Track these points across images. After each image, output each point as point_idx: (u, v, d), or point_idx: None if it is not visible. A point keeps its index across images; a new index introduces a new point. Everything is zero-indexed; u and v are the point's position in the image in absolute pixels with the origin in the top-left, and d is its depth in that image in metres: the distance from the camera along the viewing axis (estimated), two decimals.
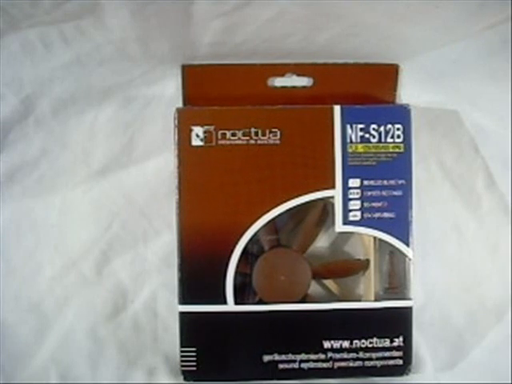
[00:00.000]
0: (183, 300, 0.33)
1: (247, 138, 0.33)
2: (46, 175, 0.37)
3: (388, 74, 0.36)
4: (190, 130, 0.33)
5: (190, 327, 0.33)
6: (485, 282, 0.37)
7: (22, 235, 0.37)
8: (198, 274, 0.33)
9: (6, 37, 0.35)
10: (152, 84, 0.37)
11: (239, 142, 0.33)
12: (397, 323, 0.33)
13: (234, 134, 0.33)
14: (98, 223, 0.37)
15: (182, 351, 0.33)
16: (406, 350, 0.33)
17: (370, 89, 0.36)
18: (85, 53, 0.36)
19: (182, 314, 0.33)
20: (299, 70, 0.35)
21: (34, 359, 0.36)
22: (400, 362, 0.33)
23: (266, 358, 0.33)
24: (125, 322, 0.37)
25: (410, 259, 0.33)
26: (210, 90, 0.35)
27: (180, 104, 0.35)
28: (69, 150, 0.37)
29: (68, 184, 0.37)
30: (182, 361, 0.33)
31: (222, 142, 0.33)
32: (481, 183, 0.38)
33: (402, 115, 0.33)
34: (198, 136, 0.33)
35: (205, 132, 0.33)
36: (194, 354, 0.33)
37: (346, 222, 0.33)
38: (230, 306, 0.33)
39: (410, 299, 0.33)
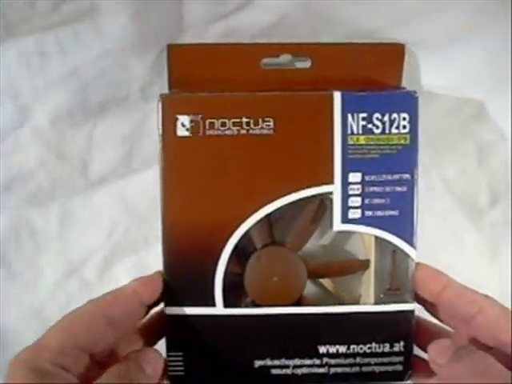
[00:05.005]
0: (169, 301, 0.31)
1: (238, 127, 0.30)
2: (45, 184, 0.36)
3: (393, 55, 0.32)
4: (176, 119, 0.30)
5: (177, 330, 0.31)
6: (483, 291, 0.36)
7: (22, 243, 0.36)
8: (184, 274, 0.30)
9: (2, 44, 0.34)
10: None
11: (229, 132, 0.30)
12: (397, 327, 0.31)
13: (223, 124, 0.30)
14: (99, 230, 0.37)
15: (168, 355, 0.31)
16: (407, 355, 0.31)
17: (373, 71, 0.32)
18: (82, 62, 0.35)
19: (168, 317, 0.31)
20: (296, 50, 0.32)
21: None
22: (400, 367, 0.31)
23: (258, 363, 0.31)
24: None
25: (413, 260, 0.31)
26: (198, 71, 0.32)
27: None
28: (67, 159, 0.36)
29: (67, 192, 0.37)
30: (169, 366, 0.31)
31: (211, 132, 0.30)
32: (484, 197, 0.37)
33: (409, 103, 0.30)
34: (183, 125, 0.30)
35: (191, 121, 0.30)
36: (181, 358, 0.31)
37: (344, 220, 0.30)
38: (219, 309, 0.31)
39: (411, 302, 0.31)
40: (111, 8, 0.34)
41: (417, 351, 0.32)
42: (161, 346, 0.34)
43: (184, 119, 0.30)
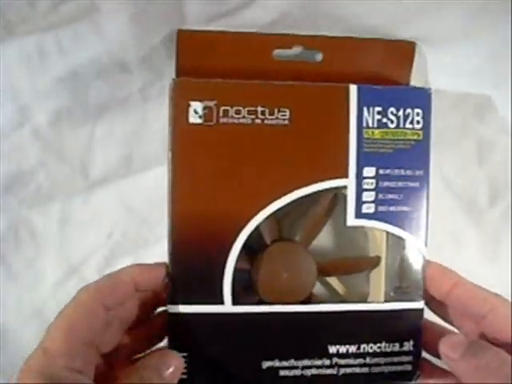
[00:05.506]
0: (174, 299, 0.29)
1: (253, 116, 0.29)
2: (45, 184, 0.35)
3: (404, 53, 0.32)
4: (188, 105, 0.28)
5: (181, 330, 0.29)
6: None
7: (22, 243, 0.36)
8: (191, 270, 0.29)
9: (2, 44, 0.33)
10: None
11: (243, 120, 0.29)
12: (406, 326, 0.31)
13: (237, 112, 0.29)
14: (99, 230, 0.36)
15: None
16: (416, 354, 0.31)
17: (383, 67, 0.32)
18: (82, 63, 0.34)
19: (172, 315, 0.29)
20: (308, 42, 0.32)
21: None
22: (409, 367, 0.31)
23: (266, 364, 0.30)
24: None
25: (423, 257, 0.30)
26: (207, 59, 0.31)
27: None
28: (67, 159, 0.35)
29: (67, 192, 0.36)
30: None
31: (224, 120, 0.29)
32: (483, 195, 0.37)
33: (423, 99, 0.30)
34: (196, 112, 0.28)
35: (204, 108, 0.29)
36: (185, 360, 0.29)
37: (358, 215, 0.30)
38: (228, 307, 0.29)
39: (421, 300, 0.30)
40: (111, 8, 0.33)
41: None
42: None
43: (197, 105, 0.28)
